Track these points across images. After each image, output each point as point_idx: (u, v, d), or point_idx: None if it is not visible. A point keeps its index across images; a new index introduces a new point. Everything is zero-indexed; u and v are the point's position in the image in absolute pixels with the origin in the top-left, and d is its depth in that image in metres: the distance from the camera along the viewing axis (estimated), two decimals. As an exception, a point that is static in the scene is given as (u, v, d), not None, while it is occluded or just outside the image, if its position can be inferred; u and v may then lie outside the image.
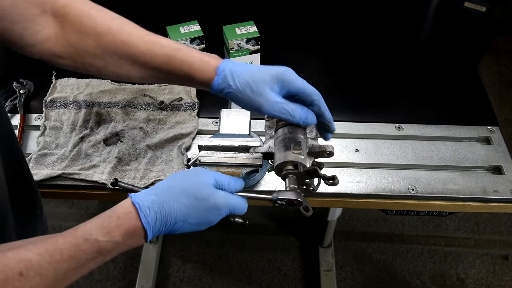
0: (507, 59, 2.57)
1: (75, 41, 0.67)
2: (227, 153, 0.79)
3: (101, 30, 0.66)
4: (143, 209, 0.56)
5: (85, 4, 0.68)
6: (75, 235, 0.53)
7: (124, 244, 0.56)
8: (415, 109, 1.07)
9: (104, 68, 0.69)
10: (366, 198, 0.91)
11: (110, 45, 0.66)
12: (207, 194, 0.61)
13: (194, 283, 1.77)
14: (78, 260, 0.52)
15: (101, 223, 0.55)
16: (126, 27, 0.67)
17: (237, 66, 0.66)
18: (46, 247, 0.50)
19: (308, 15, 1.34)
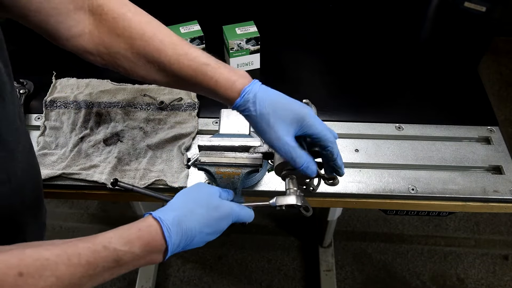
0: (507, 59, 2.58)
1: (108, 41, 0.68)
2: (227, 153, 0.79)
3: (134, 34, 0.67)
4: (165, 224, 0.57)
5: (123, 6, 0.69)
6: (95, 241, 0.53)
7: (142, 257, 0.56)
8: (415, 109, 1.07)
9: (131, 70, 0.71)
10: (366, 198, 0.91)
11: (141, 50, 0.67)
12: (216, 204, 0.64)
13: (194, 283, 1.77)
14: (95, 267, 0.52)
15: (122, 233, 0.56)
16: (159, 34, 0.68)
17: (263, 93, 0.66)
18: (65, 249, 0.50)
19: (308, 15, 1.34)
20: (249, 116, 0.66)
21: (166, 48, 0.67)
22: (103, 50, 0.69)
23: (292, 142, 0.65)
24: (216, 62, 0.67)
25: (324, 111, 1.03)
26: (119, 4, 0.68)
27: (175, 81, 0.70)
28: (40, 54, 1.16)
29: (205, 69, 0.66)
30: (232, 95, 0.66)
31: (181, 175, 0.90)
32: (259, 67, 1.15)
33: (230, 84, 0.66)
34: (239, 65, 1.13)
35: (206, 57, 0.67)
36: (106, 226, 1.94)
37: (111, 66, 0.71)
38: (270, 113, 0.64)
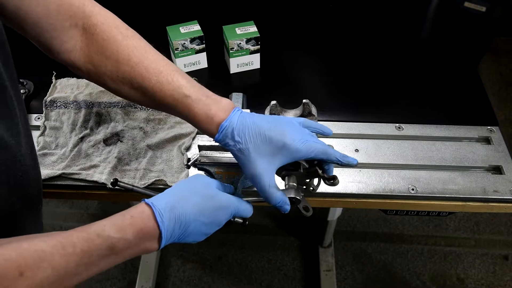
0: (507, 59, 2.58)
1: (96, 61, 0.69)
2: (227, 153, 0.79)
3: (121, 59, 0.68)
4: (157, 209, 0.57)
5: (115, 28, 0.69)
6: (89, 230, 0.54)
7: (136, 245, 0.56)
8: (415, 109, 1.07)
9: (117, 91, 0.72)
10: (366, 198, 0.91)
11: (126, 75, 0.68)
12: (213, 193, 0.64)
13: (194, 283, 1.77)
14: (90, 255, 0.52)
15: (115, 220, 0.56)
16: (145, 61, 0.68)
17: (241, 126, 0.66)
18: (60, 239, 0.51)
19: (308, 15, 1.34)
20: (231, 151, 0.67)
21: (150, 75, 0.68)
22: (91, 68, 0.70)
23: (270, 180, 0.65)
24: (197, 93, 0.68)
25: (324, 111, 1.03)
26: (111, 26, 0.69)
27: (159, 107, 0.72)
28: (40, 54, 1.16)
29: (185, 101, 0.67)
30: (211, 130, 0.67)
31: (181, 175, 0.90)
32: (259, 67, 1.15)
33: (209, 119, 0.67)
34: (239, 65, 1.13)
35: (188, 89, 0.68)
36: (106, 226, 1.94)
37: (98, 84, 0.73)
38: (250, 148, 0.65)
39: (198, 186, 0.64)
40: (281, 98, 0.86)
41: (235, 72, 1.14)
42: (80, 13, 0.68)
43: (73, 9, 0.67)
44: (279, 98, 0.82)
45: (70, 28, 0.68)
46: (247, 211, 0.68)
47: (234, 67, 1.13)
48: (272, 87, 1.12)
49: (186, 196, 0.61)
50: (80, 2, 0.68)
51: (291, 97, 0.97)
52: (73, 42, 0.69)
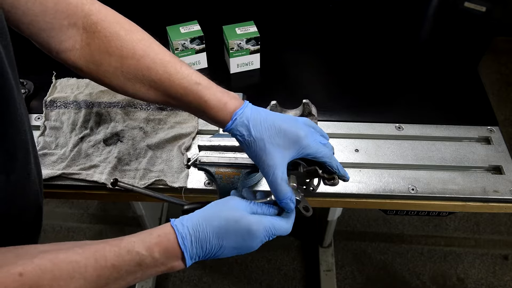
0: (507, 59, 2.57)
1: (99, 59, 0.68)
2: (227, 153, 0.79)
3: (125, 53, 0.67)
4: (180, 231, 0.58)
5: (116, 23, 0.69)
6: (120, 245, 0.55)
7: (163, 263, 0.57)
8: (415, 109, 1.07)
9: (121, 88, 0.71)
10: (366, 198, 0.91)
11: (132, 68, 0.67)
12: (239, 216, 0.61)
13: (194, 283, 1.77)
14: (119, 269, 0.54)
15: (143, 238, 0.57)
16: (150, 53, 0.68)
17: (256, 116, 0.64)
18: (93, 252, 0.53)
19: (308, 15, 1.34)
20: (243, 141, 0.65)
21: (157, 66, 0.67)
22: (93, 67, 0.69)
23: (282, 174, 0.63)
24: (208, 82, 0.67)
25: (324, 111, 1.03)
26: (113, 22, 0.68)
27: (165, 99, 0.70)
28: (40, 54, 1.16)
29: (195, 88, 0.66)
30: (223, 117, 0.65)
31: (181, 175, 0.90)
32: (259, 67, 1.15)
33: (221, 105, 0.65)
34: (239, 65, 1.13)
35: (197, 76, 0.67)
36: (106, 226, 1.94)
37: (100, 82, 0.72)
38: (265, 139, 0.63)
39: (225, 208, 0.61)
40: (281, 98, 0.86)
41: (235, 72, 1.14)
42: (78, 12, 0.67)
43: (71, 7, 0.66)
44: (279, 98, 0.82)
45: (69, 27, 0.67)
46: (283, 230, 0.64)
47: (234, 67, 1.13)
48: (272, 87, 1.12)
49: (211, 219, 0.60)
50: (78, 1, 0.67)
51: (291, 97, 0.97)
52: (71, 42, 0.68)
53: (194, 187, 0.90)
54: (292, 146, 0.64)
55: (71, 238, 1.93)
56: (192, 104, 0.67)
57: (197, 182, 0.91)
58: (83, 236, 1.93)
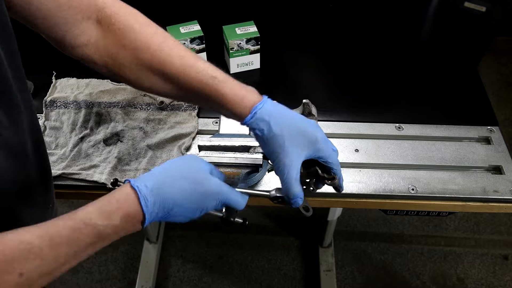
0: (507, 59, 2.57)
1: (114, 53, 0.68)
2: (227, 153, 0.79)
3: (140, 46, 0.66)
4: (142, 193, 0.56)
5: (131, 16, 0.68)
6: (75, 218, 0.53)
7: (122, 228, 0.55)
8: (415, 109, 1.07)
9: (136, 82, 0.70)
10: (366, 198, 0.91)
11: (147, 62, 0.67)
12: (203, 178, 0.61)
13: (194, 283, 1.77)
14: (78, 244, 0.52)
15: (101, 207, 0.55)
16: (165, 46, 0.67)
17: (277, 113, 0.64)
18: (46, 229, 0.50)
19: (308, 15, 1.34)
20: (261, 136, 0.64)
21: (173, 60, 0.66)
22: (109, 60, 0.68)
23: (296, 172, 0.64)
24: (224, 75, 0.66)
25: (324, 111, 1.03)
26: (127, 15, 0.68)
27: (181, 93, 0.70)
28: (40, 54, 1.16)
29: (212, 82, 0.65)
30: (241, 111, 0.64)
31: (181, 175, 0.90)
32: (259, 67, 1.15)
33: (239, 99, 0.64)
34: (239, 65, 1.13)
35: (213, 70, 0.66)
36: (106, 226, 1.94)
37: (116, 76, 0.71)
38: (285, 136, 0.63)
39: (189, 169, 0.61)
40: (281, 98, 0.86)
41: (235, 72, 1.14)
42: (92, 5, 0.66)
43: (85, 1, 0.65)
44: (279, 98, 0.82)
45: (83, 21, 0.66)
46: (239, 203, 0.64)
47: (234, 67, 1.13)
48: (272, 87, 1.12)
49: (174, 179, 0.59)
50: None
51: (291, 97, 0.97)
52: (86, 36, 0.67)
53: (194, 187, 0.90)
54: (309, 147, 0.64)
55: (71, 238, 1.93)
56: (209, 98, 0.66)
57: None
58: (83, 236, 1.93)
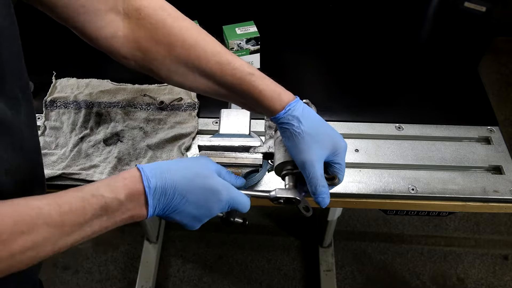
0: (507, 59, 2.57)
1: (145, 47, 0.67)
2: (227, 153, 0.79)
3: (175, 41, 0.66)
4: (146, 173, 0.57)
5: (162, 10, 0.67)
6: (83, 189, 0.54)
7: (127, 208, 0.55)
8: (415, 109, 1.07)
9: (168, 77, 0.70)
10: (366, 198, 0.91)
11: (182, 57, 0.66)
12: (207, 174, 0.61)
13: (194, 283, 1.77)
14: (85, 214, 0.52)
15: (108, 181, 0.56)
16: (201, 42, 0.67)
17: (308, 112, 0.66)
18: (55, 197, 0.51)
19: (308, 15, 1.34)
20: (290, 132, 0.65)
21: (209, 56, 0.66)
22: (139, 55, 0.67)
23: (321, 169, 0.66)
24: (260, 73, 0.67)
25: (324, 111, 1.03)
26: (158, 8, 0.67)
27: (216, 89, 0.69)
28: (40, 54, 1.16)
29: (249, 79, 0.66)
30: (276, 107, 0.66)
31: (181, 175, 0.90)
32: (259, 67, 1.15)
33: (276, 95, 0.66)
34: (239, 65, 1.13)
35: (250, 68, 0.67)
36: (106, 226, 1.94)
37: (145, 71, 0.70)
38: (313, 134, 0.65)
39: (195, 164, 0.61)
40: (281, 98, 0.87)
41: (235, 72, 1.14)
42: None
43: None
44: (279, 98, 0.83)
45: (107, 12, 0.65)
46: (244, 205, 0.65)
47: (234, 67, 1.13)
48: (272, 87, 1.12)
49: (179, 169, 0.59)
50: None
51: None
52: (113, 29, 0.66)
53: (194, 187, 0.90)
54: (330, 150, 0.66)
55: (71, 238, 1.93)
56: (245, 93, 0.67)
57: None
58: (83, 236, 1.93)
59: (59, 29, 1.35)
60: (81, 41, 0.69)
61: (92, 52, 1.20)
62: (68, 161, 0.92)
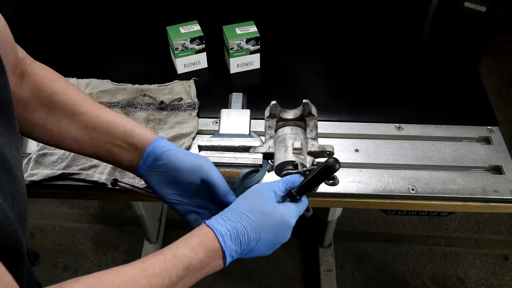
0: (507, 59, 2.57)
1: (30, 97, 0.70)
2: (227, 153, 0.79)
3: (56, 90, 0.70)
4: (218, 230, 0.59)
5: (45, 68, 0.74)
6: (163, 253, 0.55)
7: (207, 264, 0.58)
8: (415, 109, 1.07)
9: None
10: (366, 198, 0.91)
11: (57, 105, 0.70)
12: (271, 209, 0.62)
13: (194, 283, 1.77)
14: (170, 276, 0.54)
15: (185, 242, 0.58)
16: (80, 94, 0.72)
17: (171, 146, 0.69)
18: (139, 263, 0.53)
19: (308, 15, 1.34)
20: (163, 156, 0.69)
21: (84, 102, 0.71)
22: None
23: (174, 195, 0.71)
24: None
25: (324, 111, 1.03)
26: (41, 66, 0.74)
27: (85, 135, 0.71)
28: (40, 54, 1.16)
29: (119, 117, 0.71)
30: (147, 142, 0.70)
31: (181, 175, 0.90)
32: (259, 67, 1.15)
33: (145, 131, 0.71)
34: (239, 65, 1.13)
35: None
36: (106, 226, 1.94)
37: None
38: (175, 163, 0.69)
39: (256, 202, 0.63)
40: (281, 98, 0.86)
41: (235, 72, 1.14)
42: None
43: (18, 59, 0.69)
44: (279, 98, 0.82)
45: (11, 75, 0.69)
46: (309, 213, 0.69)
47: (234, 67, 1.13)
48: (272, 87, 1.12)
49: (244, 215, 0.61)
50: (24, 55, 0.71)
51: (291, 97, 0.97)
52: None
53: (194, 187, 0.90)
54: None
55: (71, 238, 1.93)
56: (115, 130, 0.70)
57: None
58: (83, 236, 1.93)
59: (59, 29, 1.35)
60: (81, 41, 0.69)
61: (92, 52, 1.21)
62: (68, 161, 0.92)
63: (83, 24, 1.28)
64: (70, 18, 1.30)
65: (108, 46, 1.21)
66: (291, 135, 0.74)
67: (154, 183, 0.69)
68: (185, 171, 0.68)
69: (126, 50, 1.21)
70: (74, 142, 0.71)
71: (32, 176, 0.89)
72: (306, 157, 0.73)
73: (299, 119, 0.78)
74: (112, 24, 1.28)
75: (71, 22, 1.29)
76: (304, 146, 0.73)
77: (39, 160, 0.92)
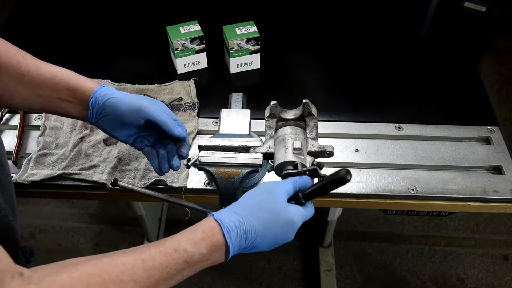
0: (507, 59, 2.57)
1: None
2: (227, 153, 0.79)
3: None
4: (225, 225, 0.58)
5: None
6: (165, 245, 0.55)
7: (208, 258, 0.58)
8: (415, 109, 1.07)
9: None
10: (366, 198, 0.91)
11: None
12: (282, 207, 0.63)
13: (194, 283, 1.77)
14: (168, 269, 0.54)
15: (188, 236, 0.57)
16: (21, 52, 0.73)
17: (112, 93, 0.72)
18: (139, 254, 0.53)
19: (308, 15, 1.34)
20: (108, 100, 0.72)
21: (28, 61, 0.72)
22: None
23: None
24: None
25: (324, 111, 1.03)
26: None
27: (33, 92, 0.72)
28: (40, 54, 1.16)
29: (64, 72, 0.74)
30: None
31: (181, 175, 0.90)
32: (259, 67, 1.15)
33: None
34: (239, 65, 1.13)
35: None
36: (106, 226, 1.94)
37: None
38: (119, 108, 0.72)
39: (267, 199, 0.63)
40: (281, 98, 0.86)
41: (235, 72, 1.14)
42: None
43: None
44: (279, 98, 0.82)
45: None
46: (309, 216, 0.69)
47: (234, 67, 1.13)
48: (272, 87, 1.12)
49: (254, 211, 0.61)
50: None
51: (291, 97, 0.97)
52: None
53: (194, 187, 0.90)
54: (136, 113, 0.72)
55: (71, 238, 1.93)
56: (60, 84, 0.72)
57: (197, 182, 0.91)
58: (83, 236, 1.93)
59: (59, 29, 1.35)
60: (81, 41, 0.70)
61: (92, 52, 1.21)
62: (68, 161, 0.92)
63: (83, 24, 1.28)
64: (70, 18, 1.30)
65: (108, 46, 1.21)
66: (291, 135, 0.74)
67: (107, 129, 0.73)
68: (127, 114, 0.71)
69: (126, 50, 1.21)
70: (23, 101, 0.73)
71: (32, 176, 0.89)
72: (306, 157, 0.73)
73: (299, 119, 0.78)
74: (112, 24, 1.28)
75: (71, 22, 1.29)
76: (304, 146, 0.73)
77: (39, 160, 0.92)
